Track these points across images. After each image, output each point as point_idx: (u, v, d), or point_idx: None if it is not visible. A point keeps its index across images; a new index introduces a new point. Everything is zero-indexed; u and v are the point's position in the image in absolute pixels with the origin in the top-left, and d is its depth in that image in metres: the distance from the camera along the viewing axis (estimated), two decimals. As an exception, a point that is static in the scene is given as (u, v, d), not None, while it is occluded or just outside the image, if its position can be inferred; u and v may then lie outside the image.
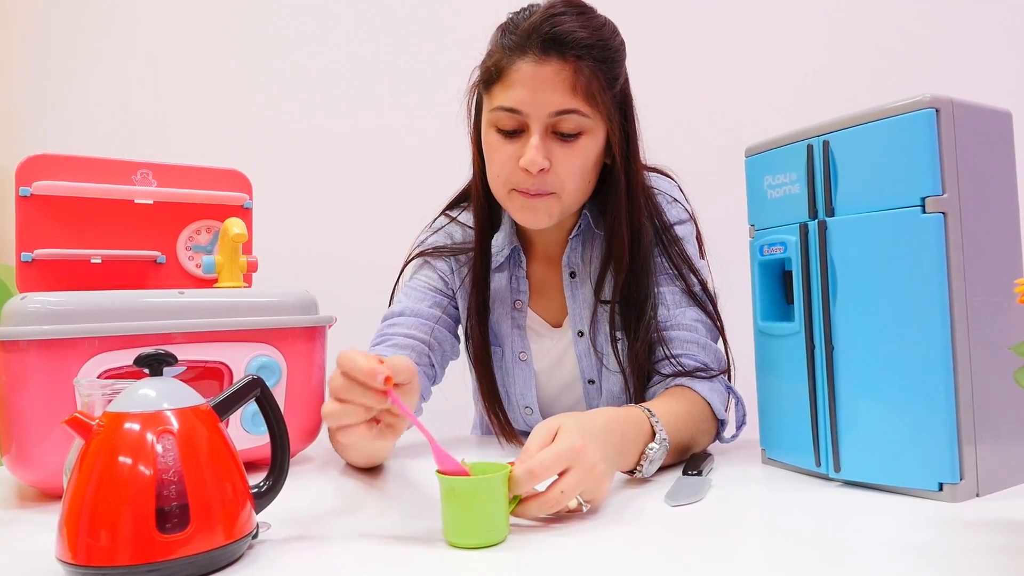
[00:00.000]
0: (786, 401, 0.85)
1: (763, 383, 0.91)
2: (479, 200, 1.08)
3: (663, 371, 1.02)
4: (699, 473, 0.84)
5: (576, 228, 1.09)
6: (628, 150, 1.01)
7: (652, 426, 0.85)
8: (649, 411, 0.86)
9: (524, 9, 0.98)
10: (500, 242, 1.11)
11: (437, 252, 1.13)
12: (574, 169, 0.97)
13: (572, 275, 1.10)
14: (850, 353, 0.78)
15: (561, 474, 0.69)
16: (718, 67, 1.99)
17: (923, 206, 0.72)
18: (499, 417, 1.09)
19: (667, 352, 1.01)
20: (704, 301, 1.05)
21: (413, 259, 1.15)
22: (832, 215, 0.79)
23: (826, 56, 1.93)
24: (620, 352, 1.05)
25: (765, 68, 1.97)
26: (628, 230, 1.02)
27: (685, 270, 1.05)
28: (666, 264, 1.06)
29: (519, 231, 1.12)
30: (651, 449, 0.83)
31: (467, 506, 0.64)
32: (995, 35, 1.84)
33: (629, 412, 0.85)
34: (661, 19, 2.00)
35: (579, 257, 1.10)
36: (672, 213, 1.08)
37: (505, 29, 0.98)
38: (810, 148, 0.81)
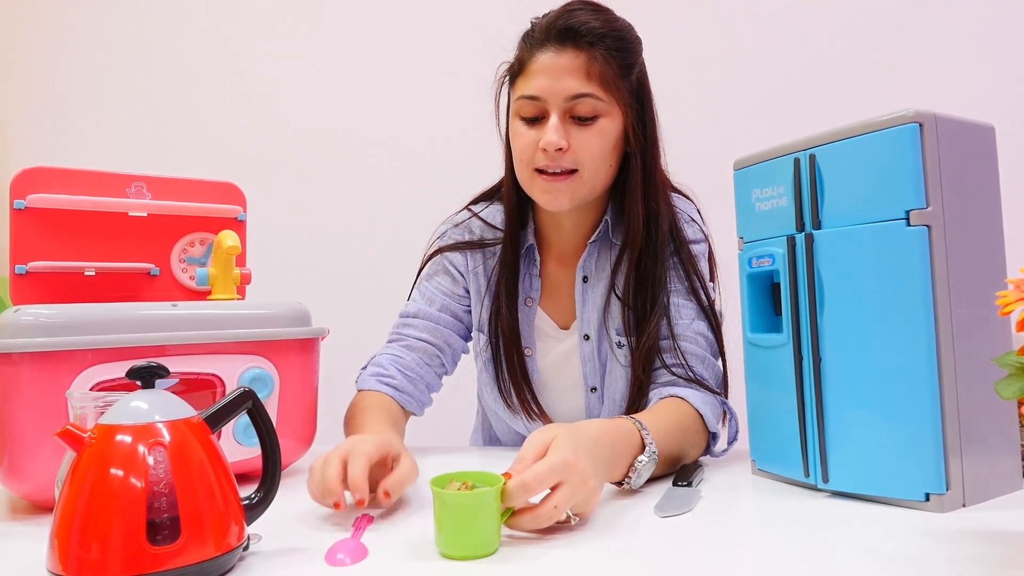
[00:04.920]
0: (775, 412, 0.86)
1: (752, 394, 0.91)
2: (509, 193, 1.13)
3: (659, 379, 1.04)
4: (689, 484, 0.84)
5: (596, 234, 1.12)
6: (646, 136, 1.06)
7: (642, 438, 0.86)
8: (640, 423, 0.87)
9: (546, 13, 1.06)
10: (520, 237, 1.16)
11: (455, 247, 1.18)
12: (592, 149, 1.02)
13: (585, 279, 1.13)
14: (837, 364, 0.78)
15: (553, 488, 0.69)
16: (707, 80, 2.01)
17: (908, 219, 0.73)
18: (525, 395, 1.12)
19: (667, 360, 1.03)
20: (710, 317, 1.08)
21: (433, 255, 1.20)
22: (819, 228, 0.80)
23: (814, 71, 1.95)
24: (623, 356, 1.08)
25: (753, 83, 1.98)
26: (643, 211, 1.06)
27: (696, 285, 1.08)
28: (680, 276, 1.08)
29: (537, 231, 1.16)
30: (640, 462, 0.84)
31: (460, 519, 0.65)
32: (979, 50, 1.86)
33: (620, 424, 0.85)
34: (654, 31, 2.02)
35: (594, 263, 1.13)
36: (688, 232, 1.11)
37: (528, 31, 1.07)
38: (797, 162, 0.82)
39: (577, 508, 0.72)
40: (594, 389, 1.13)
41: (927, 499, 0.72)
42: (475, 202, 1.23)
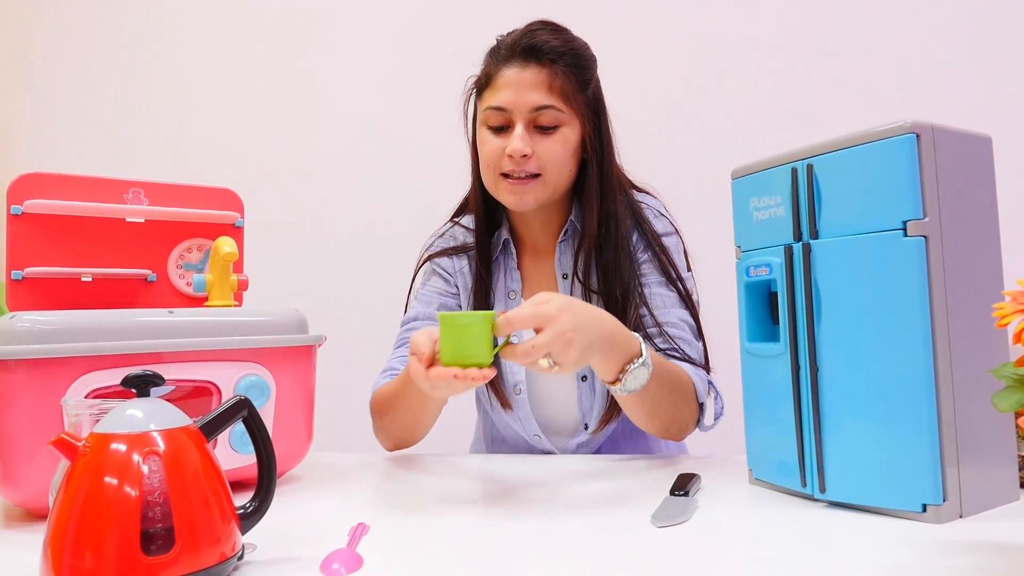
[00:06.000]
0: (772, 422, 0.86)
1: (750, 403, 0.91)
2: (477, 199, 1.23)
3: None
4: (686, 494, 0.84)
5: (563, 233, 1.22)
6: (601, 144, 1.17)
7: (641, 348, 0.94)
8: (641, 339, 0.96)
9: (510, 32, 1.17)
10: (495, 236, 1.26)
11: (442, 253, 1.28)
12: (554, 155, 1.12)
13: (565, 277, 1.22)
14: (834, 374, 0.78)
15: (538, 332, 0.82)
16: (706, 89, 2.01)
17: (905, 229, 0.73)
18: (498, 392, 1.21)
19: (659, 345, 1.11)
20: (690, 305, 1.17)
21: (423, 264, 1.30)
22: (816, 237, 0.80)
23: (812, 80, 1.95)
24: None
25: (751, 92, 1.99)
26: (600, 209, 1.16)
27: (673, 275, 1.17)
28: (657, 268, 1.17)
29: (510, 227, 1.26)
30: (633, 364, 0.93)
31: (456, 334, 0.81)
32: (976, 61, 1.87)
33: (625, 328, 0.95)
34: (652, 36, 2.03)
35: (570, 260, 1.22)
36: (659, 226, 1.21)
37: (494, 48, 1.17)
38: (794, 171, 0.82)
39: (556, 357, 0.84)
40: (584, 378, 1.19)
41: (924, 510, 0.72)
42: (456, 214, 1.33)
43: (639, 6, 2.04)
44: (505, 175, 1.13)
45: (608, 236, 1.16)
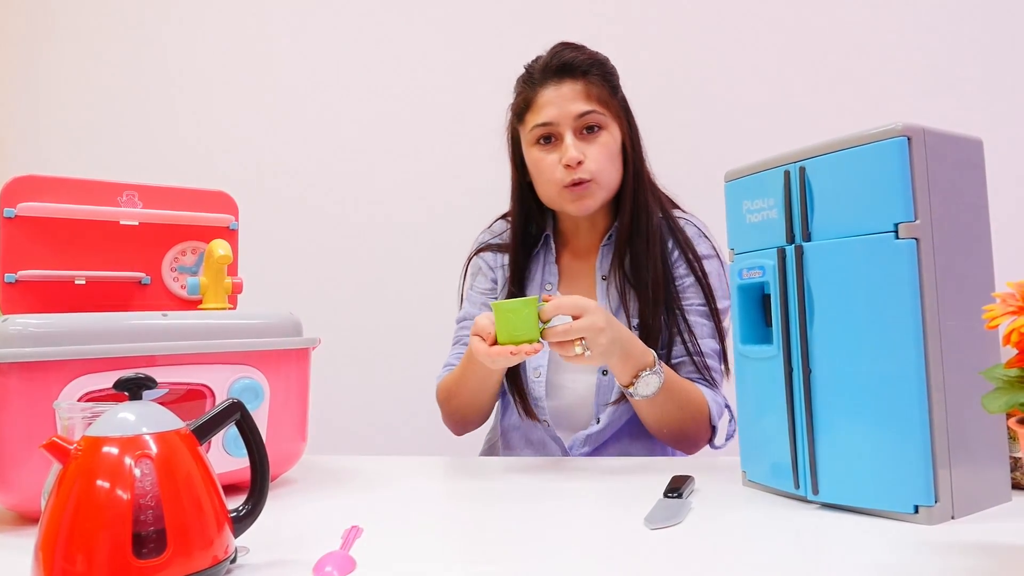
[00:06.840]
0: (765, 424, 0.86)
1: (743, 405, 0.91)
2: (517, 218, 1.33)
3: (680, 371, 1.20)
4: (679, 495, 0.84)
5: (607, 238, 1.30)
6: (634, 144, 1.28)
7: (654, 360, 1.07)
8: (655, 354, 1.09)
9: (535, 59, 1.28)
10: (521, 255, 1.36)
11: (487, 248, 1.40)
12: (602, 156, 1.22)
13: (604, 278, 1.29)
14: (827, 376, 0.79)
15: (575, 320, 0.97)
16: (700, 92, 2.02)
17: (896, 232, 0.73)
18: (521, 395, 1.27)
19: (689, 374, 1.21)
20: (723, 336, 1.25)
21: (471, 258, 1.42)
22: (808, 240, 0.80)
23: (806, 83, 1.96)
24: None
25: (745, 95, 1.99)
26: (632, 201, 1.25)
27: (712, 305, 1.24)
28: (699, 294, 1.25)
29: (554, 226, 1.36)
30: (645, 372, 1.06)
31: (507, 317, 0.96)
32: (968, 64, 1.88)
33: (641, 342, 1.08)
34: (649, 38, 2.03)
35: (610, 263, 1.29)
36: (701, 247, 1.28)
37: (525, 76, 1.28)
38: (787, 174, 0.82)
39: (589, 344, 0.98)
40: (605, 372, 1.25)
41: (916, 511, 0.72)
42: (506, 215, 1.42)
43: (639, 6, 2.04)
44: (564, 187, 1.22)
45: (639, 227, 1.25)
